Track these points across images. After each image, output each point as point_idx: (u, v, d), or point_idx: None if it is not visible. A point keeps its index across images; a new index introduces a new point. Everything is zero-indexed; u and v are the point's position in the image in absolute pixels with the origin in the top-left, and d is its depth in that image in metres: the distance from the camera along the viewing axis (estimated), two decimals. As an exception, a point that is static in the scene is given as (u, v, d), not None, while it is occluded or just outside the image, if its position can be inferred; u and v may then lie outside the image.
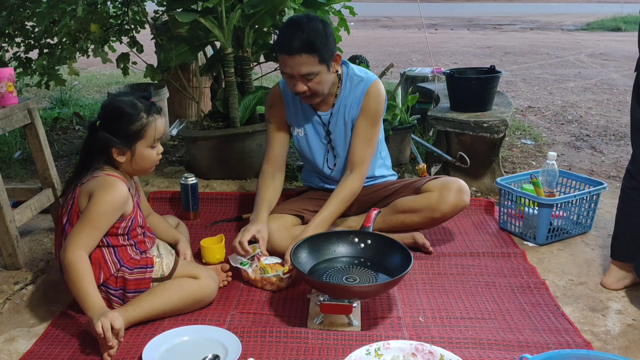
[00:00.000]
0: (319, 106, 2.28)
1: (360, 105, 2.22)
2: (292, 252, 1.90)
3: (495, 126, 2.90)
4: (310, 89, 2.09)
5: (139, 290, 1.83)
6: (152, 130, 1.83)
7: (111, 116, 1.81)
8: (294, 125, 2.34)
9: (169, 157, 3.61)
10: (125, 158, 1.83)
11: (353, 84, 2.25)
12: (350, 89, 2.25)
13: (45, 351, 1.71)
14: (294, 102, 2.31)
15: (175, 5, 3.06)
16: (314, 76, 2.06)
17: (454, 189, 2.22)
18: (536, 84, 6.61)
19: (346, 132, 2.28)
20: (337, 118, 2.28)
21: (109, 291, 1.82)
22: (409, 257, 1.82)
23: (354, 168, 2.22)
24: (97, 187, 1.76)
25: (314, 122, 2.31)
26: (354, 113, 2.24)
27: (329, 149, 2.33)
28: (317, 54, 2.02)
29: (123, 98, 1.84)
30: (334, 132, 2.30)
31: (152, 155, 1.87)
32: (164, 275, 1.87)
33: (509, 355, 1.66)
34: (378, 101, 2.22)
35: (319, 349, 1.68)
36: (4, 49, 4.10)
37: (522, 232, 2.49)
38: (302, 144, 2.35)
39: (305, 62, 2.02)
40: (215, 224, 2.66)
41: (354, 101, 2.23)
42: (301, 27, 2.01)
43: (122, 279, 1.82)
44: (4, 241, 2.17)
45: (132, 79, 5.82)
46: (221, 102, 3.29)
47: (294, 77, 2.07)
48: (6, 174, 3.37)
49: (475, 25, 14.71)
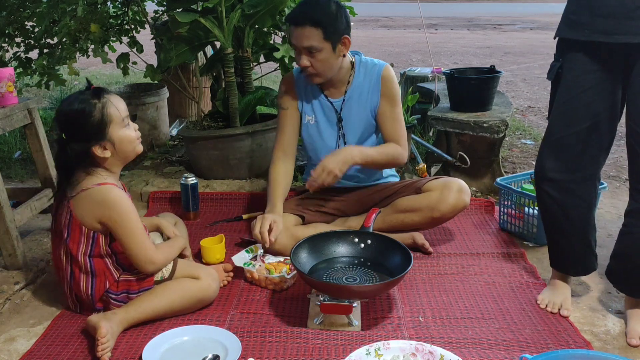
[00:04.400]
0: (331, 93, 2.31)
1: (380, 91, 2.27)
2: (292, 252, 1.89)
3: (495, 126, 2.90)
4: (313, 65, 2.14)
5: (143, 289, 1.83)
6: (114, 109, 1.76)
7: (69, 123, 1.74)
8: (305, 111, 2.35)
9: (169, 157, 3.61)
10: (109, 150, 1.77)
11: (367, 69, 2.30)
12: (365, 75, 2.29)
13: (45, 351, 1.71)
14: (307, 89, 2.33)
15: (175, 5, 3.05)
16: (317, 52, 2.11)
17: (454, 189, 2.23)
18: (536, 84, 6.61)
19: (360, 118, 2.31)
20: (350, 104, 2.30)
21: (109, 296, 1.82)
22: (409, 257, 1.82)
23: (394, 142, 2.27)
24: (104, 205, 1.73)
25: (326, 108, 2.33)
26: (373, 99, 2.28)
27: (340, 135, 2.34)
28: (322, 29, 2.09)
29: (65, 102, 1.77)
30: (346, 119, 2.32)
31: (131, 134, 1.81)
32: (164, 278, 1.87)
33: (509, 355, 1.66)
34: (395, 83, 2.31)
35: (319, 349, 1.68)
36: (4, 49, 4.10)
37: (522, 232, 2.49)
38: (312, 131, 2.36)
39: (308, 34, 2.09)
40: (215, 224, 2.66)
41: (372, 87, 2.28)
42: (312, 3, 2.12)
43: (125, 282, 1.82)
44: (4, 241, 2.17)
45: (132, 79, 5.81)
46: (221, 102, 3.29)
47: (298, 51, 2.14)
48: (6, 174, 3.37)
49: (475, 25, 14.71)
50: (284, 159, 2.33)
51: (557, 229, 1.93)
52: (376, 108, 2.29)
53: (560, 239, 1.94)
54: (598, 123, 1.79)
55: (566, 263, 1.96)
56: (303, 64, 2.14)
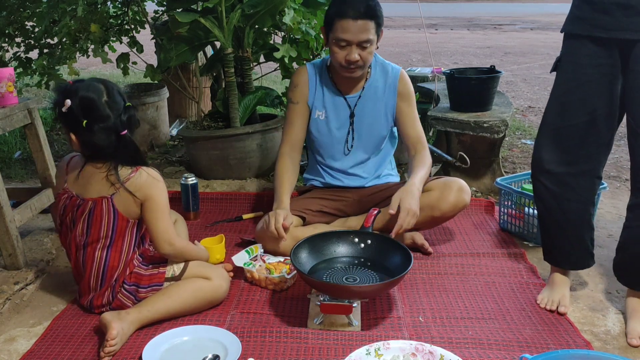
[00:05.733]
0: (345, 88, 2.32)
1: (397, 91, 2.32)
2: (292, 252, 1.89)
3: (496, 126, 2.90)
4: (362, 58, 2.15)
5: (152, 284, 1.84)
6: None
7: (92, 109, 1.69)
8: (316, 106, 2.35)
9: (169, 157, 3.61)
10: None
11: (384, 69, 2.34)
12: (381, 75, 2.32)
13: (45, 351, 1.71)
14: (320, 84, 2.34)
15: (175, 5, 3.06)
16: (369, 45, 2.14)
17: (454, 188, 2.23)
18: (536, 84, 6.61)
19: (373, 115, 2.33)
20: (365, 101, 2.32)
21: (124, 286, 1.82)
22: (409, 257, 1.82)
23: (418, 146, 2.32)
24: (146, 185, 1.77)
25: (338, 104, 2.33)
26: (389, 99, 2.32)
27: (350, 130, 2.35)
28: (376, 22, 2.12)
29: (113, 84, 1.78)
30: (359, 115, 2.33)
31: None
32: (174, 275, 1.87)
33: (509, 355, 1.66)
34: (410, 84, 2.37)
35: (319, 349, 1.68)
36: (4, 49, 4.10)
37: (522, 232, 2.49)
38: (321, 126, 2.36)
39: (367, 28, 2.11)
40: (215, 224, 2.66)
41: (388, 87, 2.32)
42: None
43: (137, 274, 1.83)
44: (4, 241, 2.17)
45: (132, 79, 5.81)
46: (221, 102, 3.29)
47: (350, 45, 2.13)
48: (6, 174, 3.37)
49: (475, 25, 14.71)
50: (291, 153, 2.33)
51: (551, 221, 1.94)
52: (393, 108, 2.33)
53: (553, 231, 1.95)
54: (595, 119, 1.80)
55: (558, 256, 1.97)
56: (355, 58, 2.14)
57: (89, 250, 1.81)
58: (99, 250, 1.80)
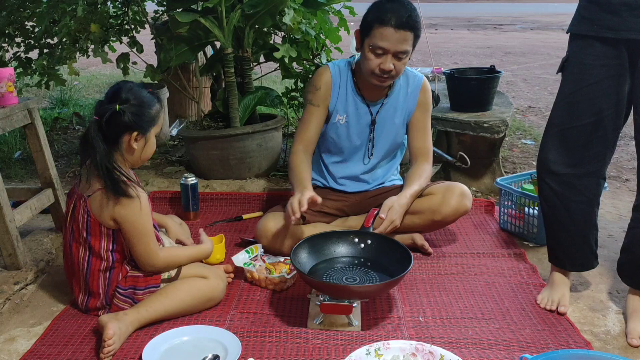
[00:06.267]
0: (369, 95, 2.29)
1: (417, 100, 2.30)
2: (292, 252, 1.89)
3: (496, 126, 2.90)
4: (396, 68, 2.11)
5: (149, 286, 1.84)
6: (162, 116, 1.88)
7: (132, 101, 1.77)
8: (338, 110, 2.30)
9: (169, 157, 3.61)
10: (139, 145, 1.80)
11: (408, 77, 2.31)
12: (404, 83, 2.30)
13: (45, 351, 1.71)
14: (343, 88, 2.29)
15: (175, 5, 3.06)
16: (405, 56, 2.10)
17: (456, 193, 2.23)
18: (537, 84, 6.61)
19: (394, 123, 2.31)
20: (387, 109, 2.30)
21: (117, 291, 1.82)
22: (409, 257, 1.82)
23: (421, 158, 2.30)
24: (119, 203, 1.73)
25: (360, 110, 2.30)
26: (410, 106, 2.31)
27: (370, 138, 2.33)
28: (415, 33, 2.09)
29: (135, 85, 1.83)
30: (380, 123, 2.31)
31: (154, 143, 1.89)
32: (170, 277, 1.88)
33: (509, 355, 1.66)
34: (430, 95, 2.34)
35: (319, 349, 1.68)
36: (4, 49, 4.10)
37: (522, 232, 2.49)
38: (341, 131, 2.32)
39: (407, 39, 2.07)
40: (215, 224, 2.66)
41: (409, 95, 2.30)
42: (410, 8, 2.08)
43: (133, 278, 1.83)
44: (4, 241, 2.17)
45: (132, 79, 5.80)
46: (221, 102, 3.29)
47: (386, 54, 2.08)
48: (6, 174, 3.37)
49: (475, 25, 14.71)
50: (304, 152, 2.30)
51: (557, 223, 1.93)
52: (410, 114, 2.31)
53: (559, 233, 1.94)
54: (602, 120, 1.80)
55: (563, 257, 1.97)
56: (389, 67, 2.08)
57: (74, 248, 1.82)
58: (82, 249, 1.81)
